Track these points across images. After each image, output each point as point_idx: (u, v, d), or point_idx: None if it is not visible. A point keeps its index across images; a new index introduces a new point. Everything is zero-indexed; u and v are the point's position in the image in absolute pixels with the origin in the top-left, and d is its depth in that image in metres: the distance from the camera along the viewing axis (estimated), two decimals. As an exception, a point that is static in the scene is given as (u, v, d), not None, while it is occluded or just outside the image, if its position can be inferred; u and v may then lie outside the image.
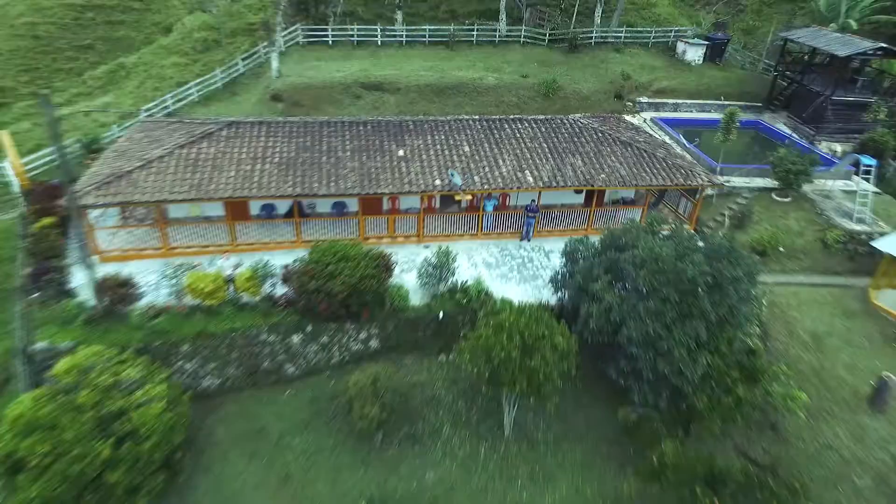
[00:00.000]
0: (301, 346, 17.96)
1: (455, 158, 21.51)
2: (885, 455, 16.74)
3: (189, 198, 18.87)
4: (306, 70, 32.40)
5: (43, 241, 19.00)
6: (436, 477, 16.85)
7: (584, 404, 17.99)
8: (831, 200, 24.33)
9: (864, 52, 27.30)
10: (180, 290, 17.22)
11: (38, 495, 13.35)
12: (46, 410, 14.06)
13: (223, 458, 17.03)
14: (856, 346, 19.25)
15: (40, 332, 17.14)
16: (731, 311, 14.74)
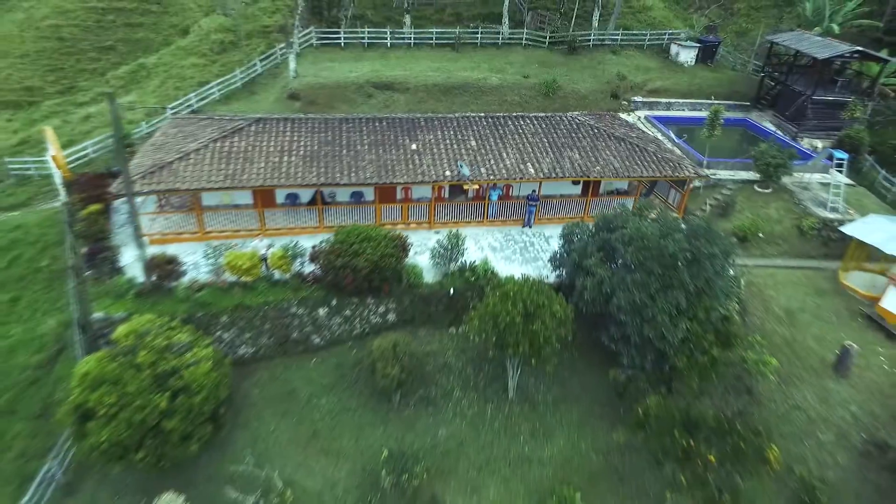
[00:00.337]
0: (326, 318, 20.12)
1: (463, 152, 23.68)
2: (846, 414, 18.90)
3: (224, 186, 21.04)
4: (321, 71, 34.53)
5: (93, 225, 21.15)
6: (447, 433, 19.04)
7: (580, 370, 20.16)
8: (808, 191, 26.50)
9: (841, 54, 29.43)
10: (220, 267, 19.37)
11: (107, 439, 15.51)
12: (111, 368, 16.22)
13: (258, 417, 19.23)
14: (824, 320, 21.41)
15: (96, 305, 19.31)
16: (708, 284, 16.89)
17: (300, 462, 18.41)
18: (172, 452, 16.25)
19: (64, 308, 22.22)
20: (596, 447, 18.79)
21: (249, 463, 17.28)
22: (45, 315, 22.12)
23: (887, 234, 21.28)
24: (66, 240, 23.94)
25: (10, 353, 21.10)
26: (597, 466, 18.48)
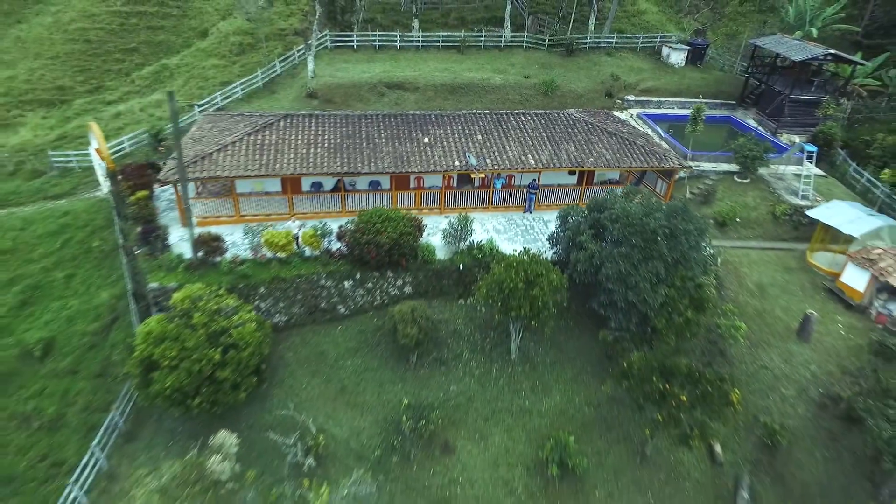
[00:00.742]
0: (351, 290, 22.93)
1: (470, 145, 26.49)
2: (806, 372, 21.70)
3: (259, 174, 23.86)
4: (336, 71, 37.35)
5: (143, 209, 23.96)
6: (458, 389, 21.86)
7: (574, 335, 22.97)
8: (783, 181, 29.32)
9: (816, 56, 32.23)
10: (258, 244, 22.18)
11: (170, 386, 18.29)
12: (171, 327, 19.02)
13: (292, 375, 22.04)
14: (791, 293, 24.22)
15: (150, 277, 22.11)
16: (684, 256, 19.70)
17: (329, 414, 21.22)
18: (224, 399, 19.06)
19: (115, 282, 25.08)
20: (587, 400, 21.62)
21: (290, 408, 20.05)
22: (99, 289, 24.96)
23: (846, 217, 24.12)
24: (115, 223, 26.78)
25: (70, 322, 23.94)
26: (588, 416, 21.31)
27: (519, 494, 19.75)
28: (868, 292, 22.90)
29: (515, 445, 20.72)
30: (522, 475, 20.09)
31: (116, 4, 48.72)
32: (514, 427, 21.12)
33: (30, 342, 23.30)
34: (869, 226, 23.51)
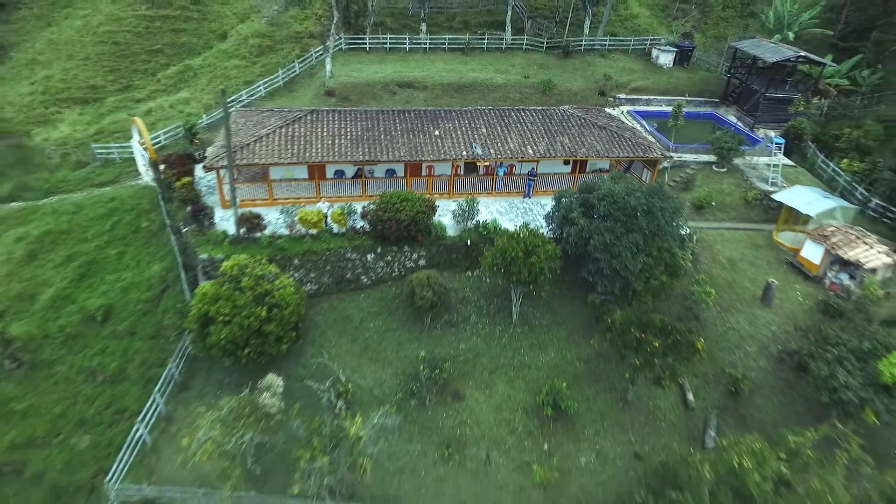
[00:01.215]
0: (373, 262, 26.45)
1: (476, 137, 30.02)
2: (767, 332, 25.23)
3: (292, 162, 27.37)
4: (351, 72, 40.89)
5: (190, 192, 27.47)
6: (466, 347, 25.39)
7: (567, 301, 26.50)
8: (755, 170, 32.89)
9: (788, 58, 35.78)
10: (294, 221, 25.70)
11: (225, 337, 21.80)
12: (223, 289, 22.52)
13: (322, 335, 25.55)
14: (758, 267, 27.77)
15: (200, 250, 25.61)
16: (660, 229, 23.22)
17: (355, 367, 24.74)
18: (269, 349, 22.59)
19: (164, 257, 28.62)
20: (578, 356, 25.16)
21: (325, 357, 23.55)
22: (149, 263, 28.51)
23: (805, 199, 27.68)
24: (161, 206, 30.31)
25: (125, 292, 27.49)
26: (578, 370, 24.84)
27: (519, 433, 23.28)
28: (823, 264, 26.45)
29: (516, 393, 24.25)
30: (522, 417, 23.62)
31: (141, 9, 52.22)
32: (514, 378, 24.65)
33: (91, 308, 26.84)
34: (824, 206, 27.08)
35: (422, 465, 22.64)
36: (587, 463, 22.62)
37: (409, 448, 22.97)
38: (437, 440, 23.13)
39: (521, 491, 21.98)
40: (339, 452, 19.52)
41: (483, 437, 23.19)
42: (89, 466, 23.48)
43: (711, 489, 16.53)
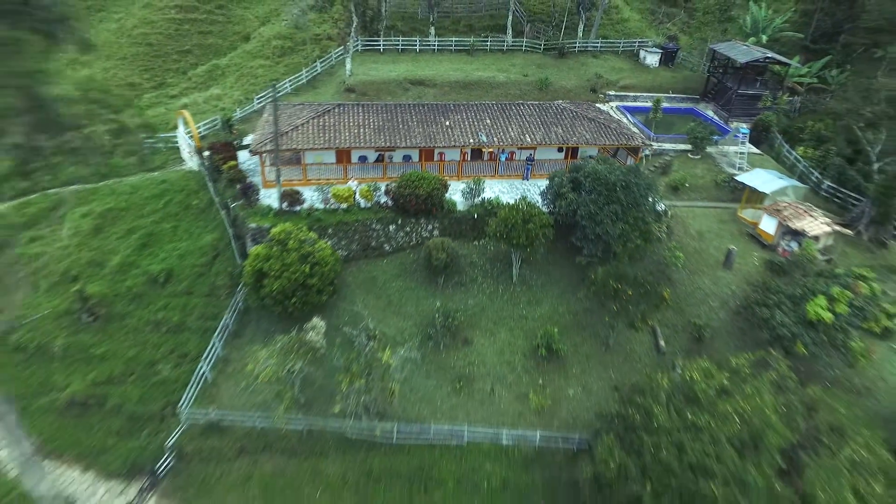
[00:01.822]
0: (394, 232, 31.39)
1: (481, 127, 34.96)
2: (727, 290, 30.16)
3: (324, 147, 32.31)
4: (368, 70, 45.83)
5: (238, 173, 32.41)
6: (474, 303, 30.31)
7: (559, 265, 31.44)
8: (725, 157, 37.85)
9: (757, 59, 40.74)
10: (328, 197, 30.64)
11: (276, 289, 26.71)
12: (273, 251, 27.45)
13: (352, 293, 30.48)
14: (722, 237, 32.70)
15: (249, 220, 30.53)
16: (636, 201, 28.15)
17: (381, 319, 29.65)
18: (312, 300, 27.52)
19: (214, 229, 33.55)
20: (568, 310, 30.11)
21: (358, 306, 28.49)
22: (201, 234, 33.45)
23: (763, 179, 32.65)
24: (209, 186, 35.24)
25: (182, 258, 32.42)
26: (568, 320, 29.78)
27: (518, 371, 28.23)
28: (776, 235, 31.40)
29: (515, 340, 29.20)
30: (521, 358, 28.57)
31: (171, 13, 57.15)
32: (514, 328, 29.59)
33: (154, 272, 31.78)
34: (777, 185, 32.04)
35: (438, 395, 27.59)
36: (574, 393, 27.58)
37: (427, 383, 27.93)
38: (450, 377, 28.09)
39: (520, 415, 26.93)
40: (372, 377, 24.45)
41: (488, 374, 28.14)
42: (159, 400, 28.40)
43: (668, 394, 21.45)
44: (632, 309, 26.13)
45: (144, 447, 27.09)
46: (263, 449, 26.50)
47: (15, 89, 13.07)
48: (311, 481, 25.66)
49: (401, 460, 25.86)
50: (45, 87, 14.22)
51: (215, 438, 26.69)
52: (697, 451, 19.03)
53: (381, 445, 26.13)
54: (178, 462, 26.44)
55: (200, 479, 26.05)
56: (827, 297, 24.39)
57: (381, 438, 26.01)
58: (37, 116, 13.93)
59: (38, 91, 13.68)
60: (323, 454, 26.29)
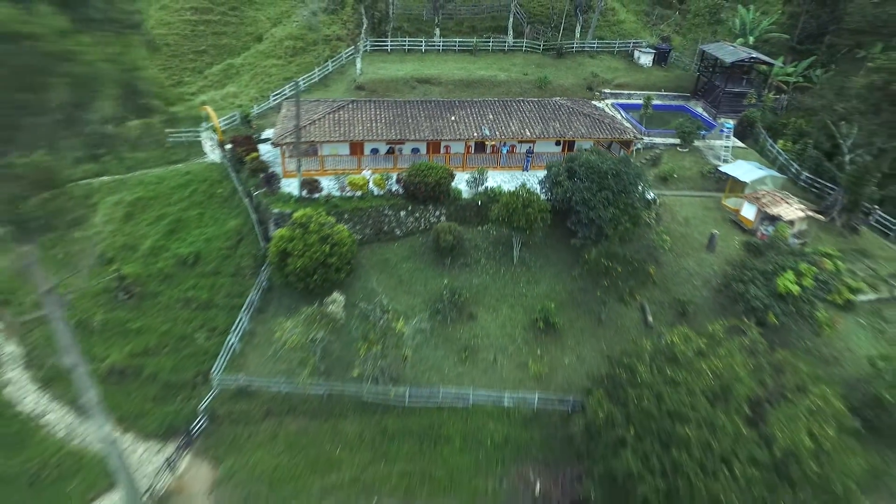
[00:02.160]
0: (404, 217, 34.35)
1: (484, 122, 37.92)
2: (710, 270, 33.10)
3: (340, 140, 35.27)
4: (377, 69, 48.80)
5: (260, 164, 35.37)
6: (478, 282, 33.25)
7: (556, 248, 34.41)
8: (712, 150, 40.82)
9: (742, 59, 43.70)
10: (344, 184, 33.60)
11: (299, 266, 29.67)
12: (296, 233, 30.41)
13: (366, 273, 33.43)
14: (707, 223, 35.66)
15: (273, 206, 33.49)
16: (626, 188, 31.11)
17: (393, 296, 32.59)
18: (331, 277, 30.47)
19: (237, 215, 36.53)
20: (564, 288, 33.06)
21: (373, 283, 31.46)
22: (226, 220, 36.43)
23: (744, 170, 35.62)
24: (231, 176, 38.21)
25: (209, 242, 35.39)
26: (564, 298, 32.73)
27: (518, 342, 31.18)
28: (756, 220, 34.37)
29: (516, 315, 32.15)
30: (521, 331, 31.51)
31: (186, 14, 60.16)
32: (515, 305, 32.55)
33: (183, 254, 34.75)
34: (757, 175, 35.02)
35: (445, 364, 30.54)
36: (569, 362, 30.54)
37: (435, 353, 30.88)
38: (457, 348, 31.03)
39: (520, 381, 29.89)
40: (387, 343, 27.40)
41: (491, 346, 31.09)
42: (191, 369, 31.36)
43: (651, 355, 24.40)
44: (621, 284, 29.10)
45: (179, 411, 30.03)
46: (288, 411, 29.43)
47: (119, 79, 15.96)
48: (332, 439, 28.61)
49: (412, 420, 28.81)
50: (140, 78, 17.14)
51: (244, 402, 29.62)
52: (675, 400, 21.97)
53: (395, 407, 29.09)
54: (211, 424, 29.34)
55: (231, 439, 28.99)
56: (795, 272, 27.35)
57: (394, 401, 28.97)
58: (129, 103, 16.82)
59: (136, 80, 16.56)
60: (342, 415, 29.24)
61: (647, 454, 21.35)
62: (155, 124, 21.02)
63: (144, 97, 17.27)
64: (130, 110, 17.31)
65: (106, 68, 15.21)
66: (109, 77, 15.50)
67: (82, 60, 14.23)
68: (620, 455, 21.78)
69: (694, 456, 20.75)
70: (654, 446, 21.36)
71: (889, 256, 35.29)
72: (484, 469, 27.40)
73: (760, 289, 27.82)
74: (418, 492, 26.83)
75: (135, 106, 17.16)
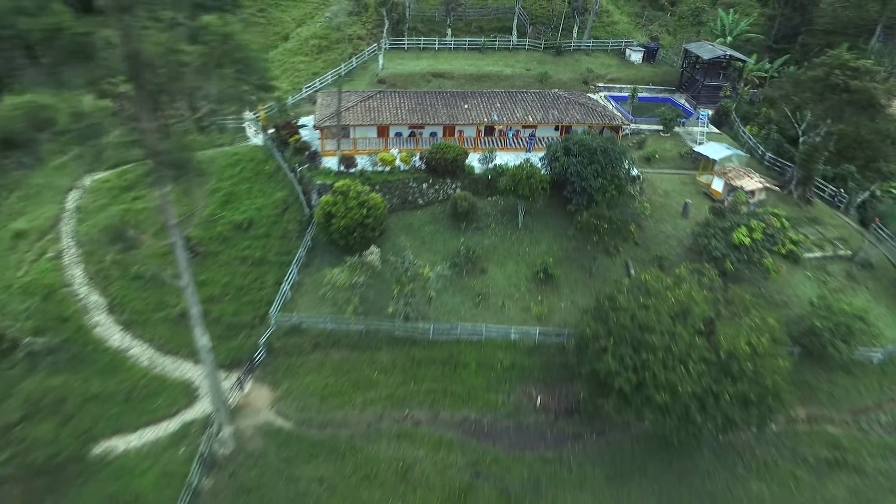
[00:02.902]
0: (426, 189, 41.25)
1: (492, 109, 44.83)
2: (683, 233, 40.00)
3: (370, 124, 42.22)
4: (396, 65, 55.75)
5: (303, 145, 42.31)
6: (489, 243, 40.17)
7: (554, 214, 41.31)
8: (690, 135, 47.76)
9: (718, 56, 50.61)
10: (376, 161, 40.52)
11: (342, 225, 36.53)
12: (337, 199, 37.28)
13: (395, 236, 40.32)
14: (683, 195, 42.56)
15: (316, 178, 40.40)
16: (612, 163, 37.99)
17: (417, 254, 39.40)
18: (367, 235, 37.23)
19: (283, 188, 43.42)
20: (561, 248, 39.96)
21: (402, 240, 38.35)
22: (273, 192, 43.34)
23: (714, 150, 42.57)
24: (276, 155, 45.14)
25: (259, 210, 42.28)
26: (561, 255, 39.61)
27: (522, 290, 38.05)
28: (724, 192, 41.26)
29: (520, 269, 39.03)
30: (524, 282, 38.38)
31: (220, 15, 66.98)
32: (519, 261, 39.43)
33: (238, 220, 41.63)
34: (724, 154, 41.97)
35: (462, 308, 37.40)
36: (565, 306, 37.43)
37: (454, 299, 37.75)
38: (471, 295, 37.90)
39: (524, 321, 36.75)
40: (416, 285, 34.25)
41: (500, 293, 37.96)
42: (249, 313, 38.21)
43: (628, 289, 31.26)
44: (607, 240, 35.99)
45: (241, 346, 36.86)
46: (332, 345, 36.29)
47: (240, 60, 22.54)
48: (370, 366, 35.47)
49: (436, 351, 35.69)
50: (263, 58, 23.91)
51: (296, 337, 36.47)
52: (645, 318, 28.82)
53: (421, 341, 35.96)
54: (268, 355, 36.19)
55: (286, 367, 35.84)
56: (747, 228, 34.23)
57: (421, 335, 35.84)
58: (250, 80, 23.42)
59: (253, 58, 23.02)
60: (377, 348, 36.10)
61: (622, 356, 28.20)
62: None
63: (264, 75, 23.95)
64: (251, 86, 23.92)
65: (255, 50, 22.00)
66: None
67: (246, 46, 21.08)
68: (602, 359, 28.65)
69: (658, 357, 27.61)
70: (628, 350, 28.21)
71: (836, 224, 42.24)
72: (495, 387, 34.29)
73: (720, 242, 34.70)
74: (442, 404, 33.73)
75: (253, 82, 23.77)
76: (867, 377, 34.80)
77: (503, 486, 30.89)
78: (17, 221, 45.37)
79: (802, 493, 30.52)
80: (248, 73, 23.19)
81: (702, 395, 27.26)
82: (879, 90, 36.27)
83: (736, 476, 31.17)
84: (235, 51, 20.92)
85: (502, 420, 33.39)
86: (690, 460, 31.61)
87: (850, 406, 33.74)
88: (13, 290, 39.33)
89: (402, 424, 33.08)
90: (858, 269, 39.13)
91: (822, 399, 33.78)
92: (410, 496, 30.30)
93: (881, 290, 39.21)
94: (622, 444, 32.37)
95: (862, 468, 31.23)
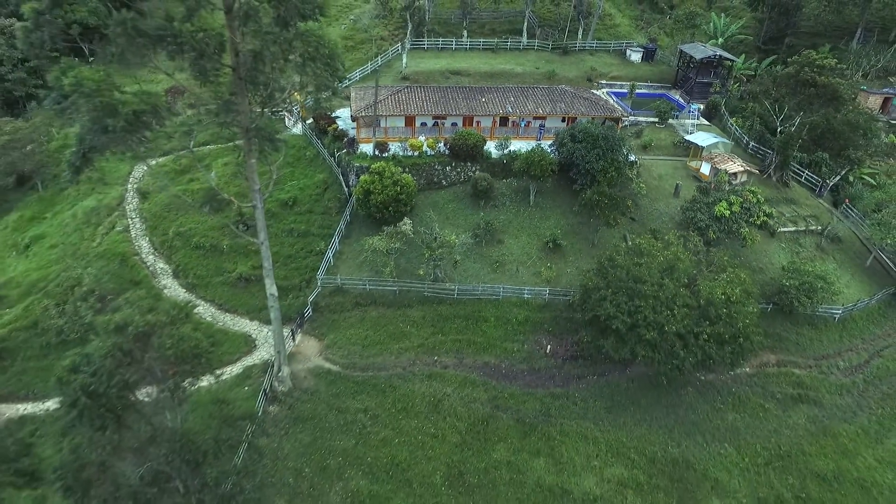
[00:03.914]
0: (449, 171, 47.64)
1: (506, 102, 51.21)
2: (675, 210, 46.29)
3: (400, 114, 48.62)
4: (417, 64, 62.19)
5: (340, 133, 48.74)
6: (504, 218, 46.54)
7: (561, 193, 47.64)
8: (682, 127, 54.09)
9: (709, 56, 56.92)
10: (406, 147, 46.93)
11: (379, 200, 42.91)
12: (374, 178, 43.68)
13: (421, 211, 46.67)
14: (675, 179, 48.83)
15: (354, 161, 46.81)
16: (612, 148, 44.32)
17: (442, 227, 45.74)
18: (401, 209, 43.64)
19: (322, 171, 49.88)
20: (567, 222, 46.29)
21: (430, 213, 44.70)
22: (314, 174, 49.81)
23: (702, 138, 48.88)
24: (314, 142, 51.56)
25: (302, 190, 48.77)
26: (567, 229, 45.94)
27: (534, 258, 44.39)
28: (710, 175, 47.56)
29: (532, 240, 45.37)
30: (536, 251, 44.72)
31: (252, 17, 73.48)
32: (531, 234, 45.78)
33: (284, 198, 48.08)
34: (711, 141, 48.26)
35: (481, 273, 43.74)
36: (571, 271, 43.75)
37: (474, 266, 44.11)
38: (489, 262, 44.24)
39: (535, 283, 43.08)
40: (443, 250, 40.60)
41: (514, 261, 44.30)
42: (297, 278, 44.61)
43: (625, 251, 37.55)
44: (607, 213, 42.31)
45: (290, 305, 43.19)
46: (370, 303, 42.65)
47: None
48: (403, 321, 41.82)
49: (460, 308, 42.02)
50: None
51: (339, 297, 42.86)
52: (638, 272, 35.12)
53: (447, 300, 42.29)
54: (315, 312, 42.57)
55: (330, 322, 42.22)
56: (727, 202, 40.49)
57: (447, 295, 42.17)
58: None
59: (337, 55, 29.24)
60: (409, 306, 42.44)
61: (619, 303, 34.49)
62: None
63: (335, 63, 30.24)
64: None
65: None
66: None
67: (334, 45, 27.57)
68: (602, 305, 34.96)
69: (648, 302, 33.91)
70: (623, 298, 34.51)
71: (810, 204, 48.53)
72: (511, 337, 40.63)
73: (704, 214, 40.99)
74: (466, 351, 40.08)
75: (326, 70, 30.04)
76: (829, 330, 41.09)
77: (519, 416, 37.20)
78: (86, 200, 51.95)
79: (770, 422, 36.78)
80: (333, 66, 29.52)
81: (684, 333, 33.54)
82: (842, 85, 42.50)
83: (715, 408, 37.45)
84: (324, 48, 27.28)
85: (517, 364, 39.72)
86: (677, 396, 37.90)
87: (814, 353, 40.01)
88: (91, 258, 45.86)
89: (432, 367, 39.40)
90: (828, 243, 45.40)
91: (790, 348, 40.05)
92: (441, 423, 36.63)
93: (847, 260, 45.49)
94: (619, 383, 38.66)
95: (821, 402, 37.50)
